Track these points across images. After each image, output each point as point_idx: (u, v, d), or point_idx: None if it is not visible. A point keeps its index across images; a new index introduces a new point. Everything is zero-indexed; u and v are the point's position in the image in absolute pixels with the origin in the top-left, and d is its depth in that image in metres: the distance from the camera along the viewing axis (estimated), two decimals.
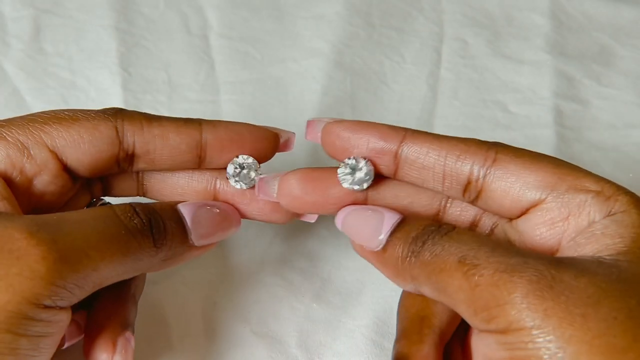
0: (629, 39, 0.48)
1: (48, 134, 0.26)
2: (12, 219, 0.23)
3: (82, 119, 0.27)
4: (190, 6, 0.48)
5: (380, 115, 0.44)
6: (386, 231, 0.26)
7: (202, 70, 0.45)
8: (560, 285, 0.21)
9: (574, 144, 0.43)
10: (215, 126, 0.29)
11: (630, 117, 0.45)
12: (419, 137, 0.27)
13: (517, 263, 0.22)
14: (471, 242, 0.24)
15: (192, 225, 0.28)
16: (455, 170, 0.26)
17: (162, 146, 0.28)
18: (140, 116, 0.28)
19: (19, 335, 0.22)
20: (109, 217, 0.25)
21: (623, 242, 0.23)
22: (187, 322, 0.34)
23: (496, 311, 0.22)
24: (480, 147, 0.26)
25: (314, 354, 0.33)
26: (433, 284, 0.24)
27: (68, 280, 0.23)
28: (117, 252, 0.25)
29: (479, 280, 0.22)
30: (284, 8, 0.49)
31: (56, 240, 0.23)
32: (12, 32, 0.46)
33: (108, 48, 0.45)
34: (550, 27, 0.48)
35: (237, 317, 0.34)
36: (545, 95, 0.45)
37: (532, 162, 0.25)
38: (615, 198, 0.24)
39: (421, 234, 0.25)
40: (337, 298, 0.35)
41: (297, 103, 0.44)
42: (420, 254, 0.25)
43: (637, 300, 0.21)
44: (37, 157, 0.26)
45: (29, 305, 0.22)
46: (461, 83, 0.46)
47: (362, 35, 0.47)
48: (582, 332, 0.20)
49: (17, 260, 0.22)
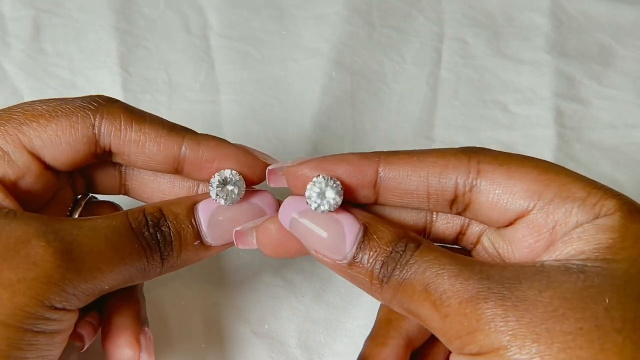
0: (629, 38, 0.48)
1: (25, 135, 0.26)
2: (28, 222, 0.24)
3: (61, 115, 0.26)
4: (190, 6, 0.48)
5: (381, 115, 0.44)
6: (350, 246, 0.25)
7: (202, 70, 0.45)
8: (525, 304, 0.21)
9: (574, 144, 0.43)
10: (199, 143, 0.27)
11: (630, 117, 0.45)
12: (395, 162, 0.25)
13: (481, 289, 0.22)
14: (435, 266, 0.24)
15: (207, 230, 0.27)
16: (440, 189, 0.25)
17: (137, 152, 0.27)
18: (122, 115, 0.27)
19: (36, 332, 0.23)
20: (123, 229, 0.26)
21: (598, 247, 0.23)
22: (187, 322, 0.34)
23: (467, 339, 0.22)
24: (461, 159, 0.25)
25: (314, 353, 0.33)
26: (406, 310, 0.25)
27: (78, 289, 0.24)
28: (127, 265, 0.25)
29: (448, 310, 0.23)
30: (284, 8, 0.49)
31: (70, 251, 0.24)
32: (12, 32, 0.46)
33: (108, 48, 0.45)
34: (551, 27, 0.48)
35: (237, 317, 0.34)
36: (546, 95, 0.45)
37: (517, 168, 0.24)
38: (602, 203, 0.23)
39: (390, 258, 0.24)
40: (337, 298, 0.35)
41: (297, 103, 0.44)
42: (390, 280, 0.24)
43: (604, 307, 0.21)
44: (17, 161, 0.26)
45: (43, 308, 0.23)
46: (461, 83, 0.46)
47: (362, 35, 0.47)
48: (547, 347, 0.20)
49: (34, 265, 0.23)
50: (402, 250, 0.24)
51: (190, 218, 0.27)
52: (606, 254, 0.22)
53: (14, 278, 0.23)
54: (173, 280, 0.35)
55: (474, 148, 0.26)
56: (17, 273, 0.23)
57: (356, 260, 0.25)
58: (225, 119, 0.43)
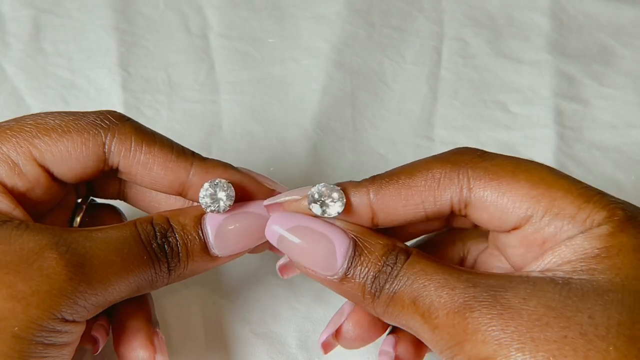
0: (629, 38, 0.48)
1: (37, 148, 0.26)
2: (40, 233, 0.24)
3: (73, 131, 0.26)
4: (190, 6, 0.48)
5: (381, 115, 0.44)
6: (341, 262, 0.25)
7: (202, 70, 0.45)
8: (509, 312, 0.22)
9: (574, 144, 0.43)
10: (206, 171, 0.27)
11: (630, 117, 0.45)
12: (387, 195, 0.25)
13: (467, 299, 0.22)
14: (422, 277, 0.24)
15: (214, 241, 0.27)
16: (436, 210, 0.25)
17: (144, 174, 0.27)
18: (133, 136, 0.27)
19: (47, 345, 0.23)
20: (132, 240, 0.26)
21: (584, 257, 0.23)
22: (187, 322, 0.34)
23: (456, 349, 0.22)
24: (451, 177, 0.25)
25: (314, 354, 0.33)
26: (398, 323, 0.25)
27: (88, 301, 0.24)
28: (136, 277, 0.26)
29: (436, 322, 0.23)
30: (284, 8, 0.49)
31: (82, 263, 0.24)
32: (12, 32, 0.46)
33: (108, 48, 0.45)
34: (551, 27, 0.48)
35: (237, 317, 0.34)
36: (546, 95, 0.45)
37: (508, 183, 0.24)
38: (592, 217, 0.23)
39: (382, 272, 0.24)
40: (336, 298, 0.35)
41: (297, 103, 0.44)
42: (381, 294, 0.24)
43: (588, 315, 0.21)
44: (28, 173, 0.26)
45: (55, 320, 0.23)
46: (461, 83, 0.46)
47: (362, 35, 0.47)
48: (532, 356, 0.21)
49: (47, 278, 0.23)
50: (392, 263, 0.24)
51: (198, 229, 0.27)
52: (591, 263, 0.22)
53: (28, 290, 0.23)
54: None
55: (462, 157, 0.25)
56: (30, 285, 0.23)
57: (348, 275, 0.25)
58: (225, 119, 0.43)
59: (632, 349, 0.20)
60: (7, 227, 0.24)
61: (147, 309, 0.29)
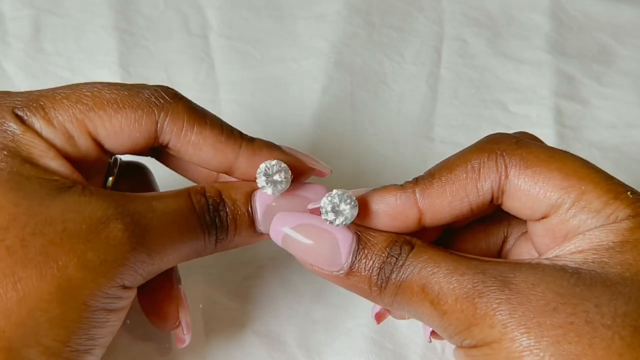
0: (629, 38, 0.48)
1: (92, 122, 0.26)
2: (106, 201, 0.25)
3: (128, 107, 0.26)
4: (190, 6, 0.48)
5: (380, 115, 0.44)
6: (346, 258, 0.25)
7: (202, 69, 0.45)
8: (517, 297, 0.22)
9: (574, 143, 0.43)
10: (254, 152, 0.28)
11: (630, 117, 0.45)
12: (433, 194, 0.25)
13: (476, 284, 0.23)
14: (430, 265, 0.24)
15: (262, 218, 0.28)
16: (480, 201, 0.25)
17: (193, 153, 0.28)
18: (186, 116, 0.27)
19: (109, 311, 0.25)
20: (187, 211, 0.26)
21: (597, 247, 0.23)
22: None
23: (465, 334, 0.23)
24: (489, 167, 0.25)
25: (314, 353, 0.33)
26: (407, 311, 0.25)
27: (146, 270, 0.25)
28: (187, 246, 0.27)
29: (445, 308, 0.23)
30: (284, 8, 0.49)
31: (144, 234, 0.25)
32: (12, 32, 0.46)
33: (108, 47, 0.45)
34: (551, 26, 0.48)
35: (237, 316, 0.34)
36: (545, 95, 0.45)
37: (542, 172, 0.24)
38: (617, 214, 0.23)
39: (386, 264, 0.25)
40: (336, 297, 0.35)
41: (297, 103, 0.44)
42: (388, 284, 0.25)
43: (595, 304, 0.21)
44: (81, 145, 0.26)
45: (118, 288, 0.24)
46: (461, 83, 0.46)
47: (362, 35, 0.47)
48: (537, 340, 0.21)
49: (113, 248, 0.24)
50: (397, 253, 0.25)
51: (247, 205, 0.28)
52: (603, 256, 0.23)
53: (97, 260, 0.23)
54: None
55: (498, 145, 0.25)
56: (99, 255, 0.24)
57: (353, 269, 0.25)
58: (225, 118, 0.42)
59: (637, 340, 0.21)
60: (73, 193, 0.24)
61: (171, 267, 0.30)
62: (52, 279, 0.23)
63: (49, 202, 0.24)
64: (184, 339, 0.30)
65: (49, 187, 0.24)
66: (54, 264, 0.23)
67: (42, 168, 0.25)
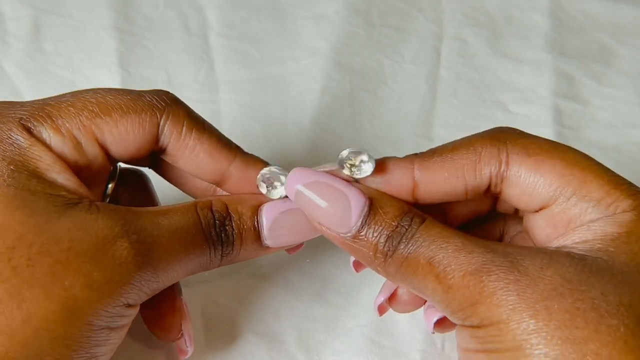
0: (629, 38, 0.48)
1: (99, 128, 0.26)
2: (113, 219, 0.24)
3: (132, 112, 0.26)
4: (190, 6, 0.48)
5: (380, 115, 0.44)
6: (356, 220, 0.25)
7: (202, 69, 0.45)
8: (526, 279, 0.22)
9: (573, 143, 0.43)
10: (247, 165, 0.28)
11: (630, 116, 0.45)
12: (430, 167, 0.26)
13: (485, 262, 0.23)
14: (439, 239, 0.24)
15: (268, 232, 0.28)
16: (476, 184, 0.26)
17: (189, 159, 0.28)
18: (184, 119, 0.27)
19: (111, 329, 0.24)
20: (194, 227, 0.26)
21: (603, 238, 0.23)
22: None
23: (469, 311, 0.23)
24: (491, 152, 0.25)
25: (314, 353, 0.33)
26: (409, 283, 0.25)
27: (151, 288, 0.25)
28: (193, 262, 0.27)
29: (451, 282, 0.23)
30: (284, 8, 0.49)
31: (150, 252, 0.25)
32: (12, 32, 0.46)
33: (108, 48, 0.45)
34: (550, 26, 0.48)
35: (237, 316, 0.34)
36: (545, 95, 0.45)
37: (544, 160, 0.25)
38: (617, 204, 0.24)
39: (396, 232, 0.25)
40: (336, 297, 0.35)
41: (296, 103, 0.44)
42: (394, 254, 0.25)
43: (601, 291, 0.21)
44: (88, 153, 0.26)
45: (123, 307, 0.24)
46: (461, 82, 0.46)
47: (361, 35, 0.47)
48: (544, 323, 0.21)
49: (119, 267, 0.24)
50: (407, 224, 0.25)
51: (254, 219, 0.27)
52: (609, 246, 0.23)
53: (102, 280, 0.23)
54: None
55: (502, 134, 0.26)
56: (104, 275, 0.23)
57: (361, 233, 0.25)
58: (225, 118, 0.43)
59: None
60: (80, 210, 0.24)
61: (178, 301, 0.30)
62: (58, 298, 0.22)
63: (56, 220, 0.23)
64: (187, 351, 0.30)
65: (55, 204, 0.24)
66: (60, 284, 0.22)
67: (48, 183, 0.25)
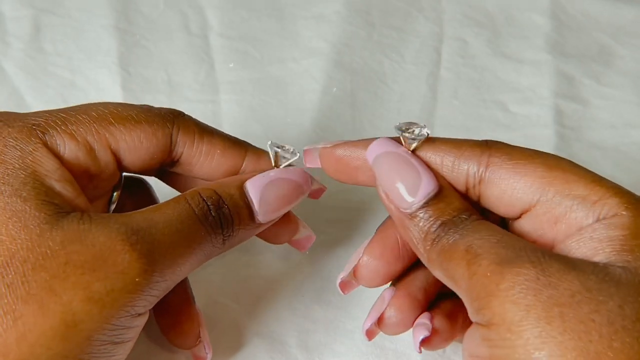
0: (629, 38, 0.48)
1: (112, 136, 0.26)
2: (107, 225, 0.23)
3: (144, 121, 0.27)
4: (190, 6, 0.48)
5: (380, 115, 0.44)
6: (420, 199, 0.26)
7: (202, 70, 0.45)
8: (547, 279, 0.21)
9: (573, 143, 0.43)
10: (259, 158, 0.29)
11: (630, 116, 0.45)
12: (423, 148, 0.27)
13: (513, 255, 0.22)
14: (483, 232, 0.24)
15: (259, 208, 0.28)
16: (453, 179, 0.26)
17: (203, 163, 0.28)
18: (195, 127, 0.28)
19: (115, 344, 0.23)
20: (188, 217, 0.26)
21: (612, 245, 0.23)
22: None
23: (484, 302, 0.22)
24: (474, 150, 0.26)
25: (314, 354, 0.33)
26: (444, 270, 0.25)
27: (159, 289, 0.24)
28: (196, 253, 0.26)
29: (477, 269, 0.23)
30: (284, 8, 0.49)
31: (152, 252, 0.24)
32: (12, 32, 0.46)
33: (108, 48, 0.45)
34: (550, 26, 0.48)
35: (237, 316, 0.34)
36: (545, 95, 0.45)
37: (524, 164, 0.25)
38: (604, 202, 0.24)
39: (451, 221, 0.25)
40: (337, 298, 0.35)
41: (297, 103, 0.44)
42: (441, 240, 0.25)
43: (619, 304, 0.21)
44: (101, 159, 0.26)
45: (129, 317, 0.23)
46: (461, 83, 0.46)
47: (362, 35, 0.47)
48: (558, 332, 0.20)
49: (122, 274, 0.23)
50: (465, 218, 0.25)
51: (244, 197, 0.28)
52: (624, 255, 0.22)
53: (103, 290, 0.22)
54: None
55: (491, 142, 0.26)
56: (105, 285, 0.22)
57: (419, 214, 0.25)
58: (225, 118, 0.43)
59: None
60: (71, 220, 0.23)
61: (184, 282, 0.30)
62: (55, 314, 0.21)
63: (48, 232, 0.22)
64: (206, 357, 0.30)
65: (46, 212, 0.23)
66: (57, 299, 0.22)
67: (44, 189, 0.24)
